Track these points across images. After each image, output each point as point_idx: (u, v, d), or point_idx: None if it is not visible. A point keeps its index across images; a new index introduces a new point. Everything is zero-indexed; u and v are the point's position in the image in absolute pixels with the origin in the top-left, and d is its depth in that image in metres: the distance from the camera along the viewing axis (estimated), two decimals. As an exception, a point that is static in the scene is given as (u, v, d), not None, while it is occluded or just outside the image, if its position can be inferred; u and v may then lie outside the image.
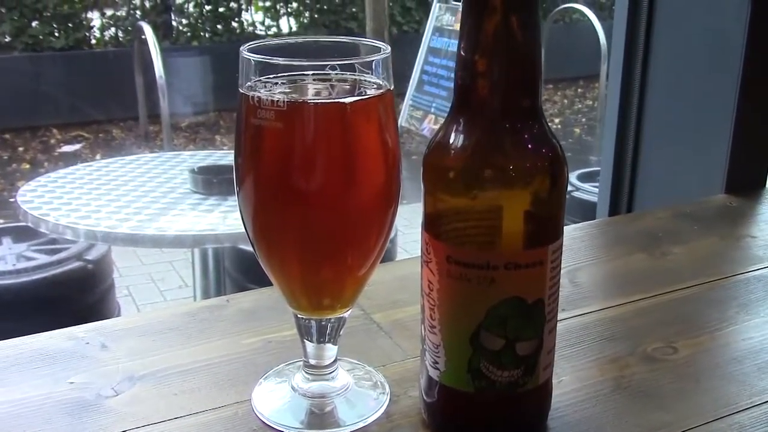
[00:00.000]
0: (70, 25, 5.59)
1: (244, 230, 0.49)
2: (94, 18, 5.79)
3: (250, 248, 0.48)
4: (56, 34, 5.53)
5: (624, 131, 1.03)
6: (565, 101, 6.20)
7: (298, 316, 0.50)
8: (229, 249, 2.14)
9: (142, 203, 1.77)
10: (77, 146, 5.01)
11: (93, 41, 5.80)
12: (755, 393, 0.54)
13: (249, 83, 0.46)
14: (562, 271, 0.47)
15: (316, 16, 6.52)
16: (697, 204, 0.89)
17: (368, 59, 0.46)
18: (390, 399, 0.53)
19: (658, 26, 0.99)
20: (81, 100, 5.15)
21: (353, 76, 0.46)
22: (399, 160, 0.49)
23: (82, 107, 5.13)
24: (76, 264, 2.07)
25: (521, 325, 0.45)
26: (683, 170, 0.99)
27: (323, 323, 0.50)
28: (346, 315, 0.51)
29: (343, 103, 0.46)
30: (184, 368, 0.56)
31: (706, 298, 0.68)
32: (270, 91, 0.45)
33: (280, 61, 0.45)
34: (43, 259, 2.08)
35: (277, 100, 0.44)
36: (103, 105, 5.17)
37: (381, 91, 0.47)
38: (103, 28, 5.84)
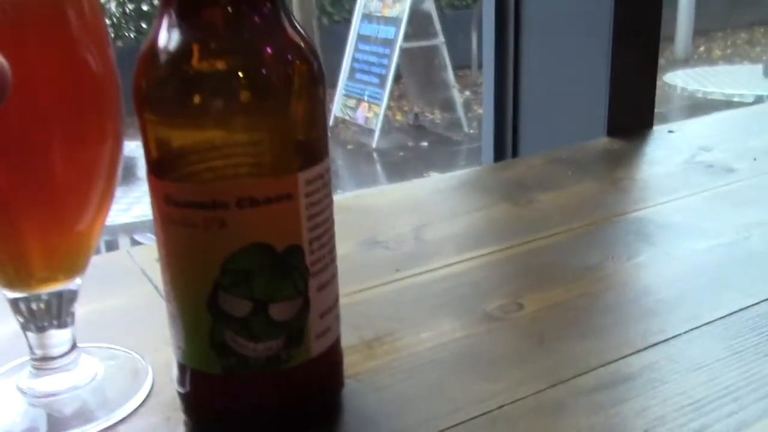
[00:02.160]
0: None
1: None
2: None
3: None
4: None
5: (502, 80, 0.94)
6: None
7: (8, 296, 0.39)
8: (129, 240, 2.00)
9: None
10: None
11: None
12: (604, 351, 0.44)
13: None
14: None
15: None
16: (575, 148, 0.80)
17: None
18: (152, 390, 0.42)
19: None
20: None
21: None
22: (115, 84, 0.37)
23: None
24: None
25: (271, 281, 0.34)
26: (565, 117, 0.89)
27: (44, 300, 0.39)
28: (73, 287, 0.40)
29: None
30: None
31: (568, 246, 0.58)
32: None
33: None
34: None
35: None
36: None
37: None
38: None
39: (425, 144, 5.36)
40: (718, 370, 0.42)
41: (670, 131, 0.85)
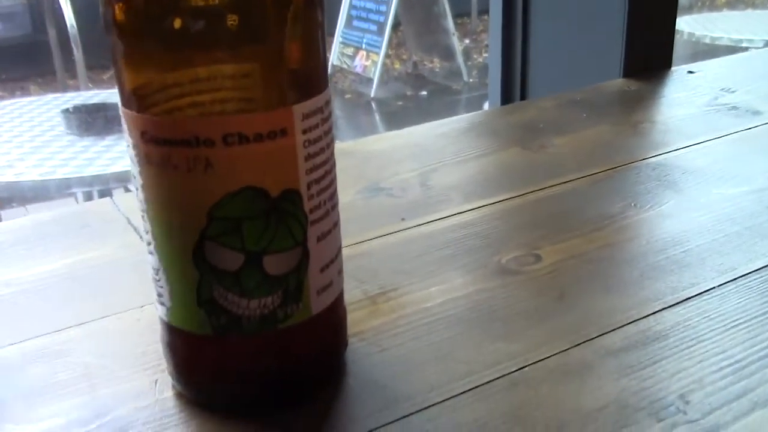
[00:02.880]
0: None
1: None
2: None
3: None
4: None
5: (510, 18, 0.88)
6: None
7: None
8: (123, 191, 1.95)
9: (6, 149, 1.57)
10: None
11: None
12: (631, 307, 0.40)
13: None
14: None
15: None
16: (589, 90, 0.75)
17: None
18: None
19: None
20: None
21: None
22: None
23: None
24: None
25: (266, 230, 0.30)
26: (578, 57, 0.84)
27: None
28: None
29: None
30: None
31: (586, 193, 0.54)
32: None
33: None
34: None
35: None
36: (17, 61, 4.86)
37: None
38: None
39: (424, 93, 5.29)
40: (758, 327, 0.38)
41: (690, 72, 0.80)
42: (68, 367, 0.37)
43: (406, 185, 0.55)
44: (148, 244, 0.32)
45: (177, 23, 0.28)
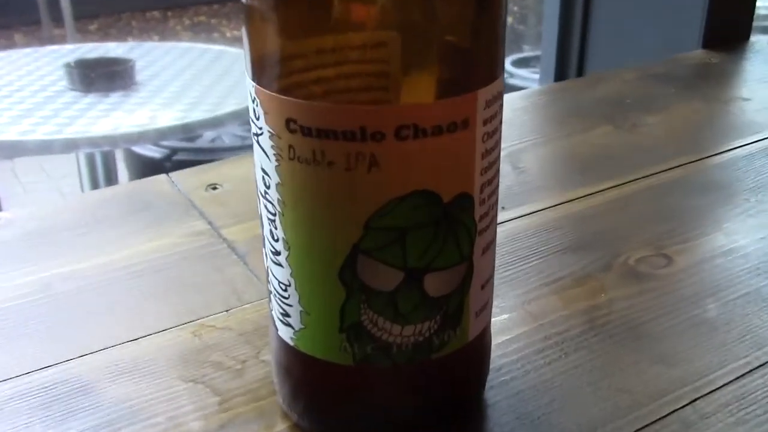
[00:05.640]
0: None
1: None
2: None
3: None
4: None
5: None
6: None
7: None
8: (124, 153, 1.88)
9: (7, 105, 1.49)
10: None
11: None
12: (802, 323, 0.35)
13: None
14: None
15: None
16: (670, 62, 0.69)
17: None
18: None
19: None
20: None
21: None
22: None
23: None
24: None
25: (432, 243, 0.24)
26: (648, 26, 0.78)
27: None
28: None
29: None
30: None
31: (698, 182, 0.48)
32: None
33: None
34: None
35: None
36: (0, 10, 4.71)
37: None
38: None
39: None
40: None
41: (773, 44, 0.74)
42: (152, 388, 0.31)
43: (495, 167, 0.49)
44: (275, 253, 0.26)
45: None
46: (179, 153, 1.85)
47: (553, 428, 0.29)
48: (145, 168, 1.82)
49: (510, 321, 0.35)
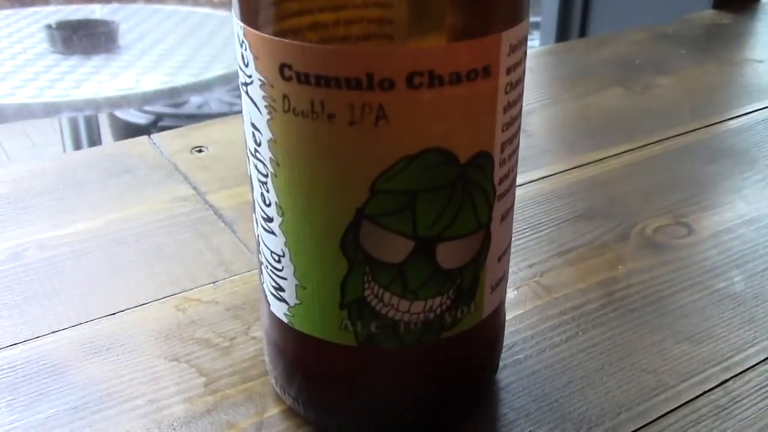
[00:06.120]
0: None
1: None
2: None
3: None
4: None
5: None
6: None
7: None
8: (109, 119, 1.84)
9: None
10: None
11: None
12: (837, 298, 0.32)
13: None
14: None
15: None
16: (679, 23, 0.66)
17: None
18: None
19: None
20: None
21: None
22: None
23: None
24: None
25: (446, 208, 0.21)
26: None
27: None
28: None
29: None
30: None
31: (715, 147, 0.46)
32: None
33: None
34: None
35: None
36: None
37: None
38: None
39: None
40: None
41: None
42: (132, 367, 0.28)
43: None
44: (267, 220, 0.23)
45: None
46: (165, 119, 1.81)
47: (573, 412, 0.26)
48: (130, 135, 1.78)
49: (522, 294, 0.32)
